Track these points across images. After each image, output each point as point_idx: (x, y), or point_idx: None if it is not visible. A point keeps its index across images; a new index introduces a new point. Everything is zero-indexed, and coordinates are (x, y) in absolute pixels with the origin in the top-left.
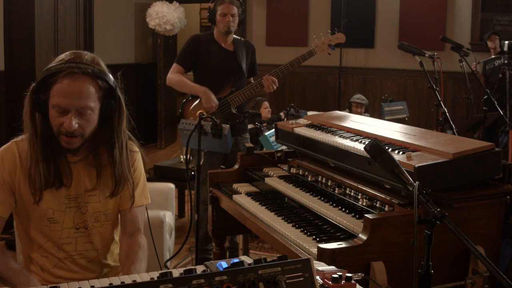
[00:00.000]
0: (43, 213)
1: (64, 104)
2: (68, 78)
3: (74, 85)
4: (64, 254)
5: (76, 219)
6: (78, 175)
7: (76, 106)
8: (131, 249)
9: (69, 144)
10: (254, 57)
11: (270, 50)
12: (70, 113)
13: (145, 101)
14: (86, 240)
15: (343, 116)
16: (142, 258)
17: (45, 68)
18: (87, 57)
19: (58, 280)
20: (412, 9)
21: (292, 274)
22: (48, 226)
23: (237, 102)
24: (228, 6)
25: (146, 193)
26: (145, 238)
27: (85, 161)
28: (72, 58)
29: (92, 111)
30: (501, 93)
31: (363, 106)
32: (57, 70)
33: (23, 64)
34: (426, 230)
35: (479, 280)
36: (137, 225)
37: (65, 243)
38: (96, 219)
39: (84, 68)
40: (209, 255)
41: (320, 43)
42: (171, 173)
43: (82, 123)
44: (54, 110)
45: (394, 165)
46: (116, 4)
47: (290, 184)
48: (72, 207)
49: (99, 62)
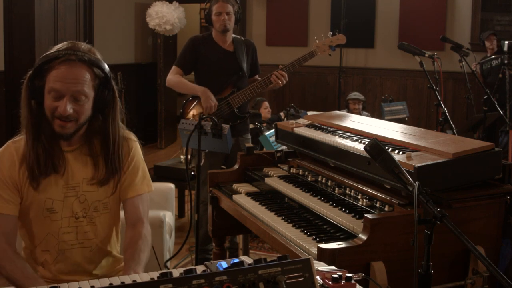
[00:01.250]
0: (42, 203)
1: (59, 87)
2: (64, 64)
3: (70, 71)
4: (65, 245)
5: (75, 208)
6: (73, 164)
7: (71, 91)
8: (132, 239)
9: (63, 128)
10: (255, 55)
11: (270, 50)
12: (65, 97)
13: (145, 101)
14: (86, 229)
15: (343, 116)
16: (143, 249)
17: (42, 56)
18: (84, 47)
19: (61, 276)
20: (412, 9)
21: (292, 274)
22: (49, 217)
23: (238, 102)
24: (222, 4)
25: (147, 181)
26: (149, 229)
27: (80, 150)
28: (70, 46)
29: (86, 98)
30: (501, 93)
31: (360, 102)
32: (54, 57)
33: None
34: (426, 230)
35: (479, 280)
36: (139, 215)
37: (65, 233)
38: (95, 208)
39: (80, 55)
40: (209, 255)
41: (321, 44)
42: (171, 173)
43: (76, 108)
44: (50, 95)
45: (394, 165)
46: (116, 4)
47: (290, 184)
48: (70, 196)
49: (95, 52)
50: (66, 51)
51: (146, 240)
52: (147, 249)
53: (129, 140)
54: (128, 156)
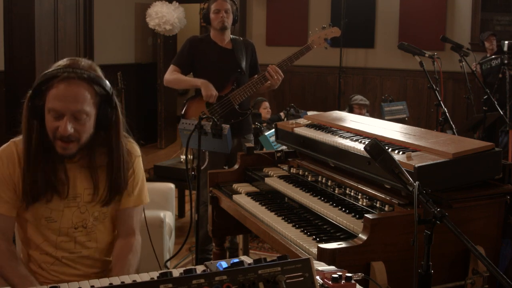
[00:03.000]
0: (40, 212)
1: (59, 107)
2: (63, 82)
3: (70, 89)
4: (63, 253)
5: (75, 218)
6: (75, 175)
7: (71, 110)
8: (122, 252)
9: (65, 150)
10: (255, 55)
11: (270, 50)
12: (65, 117)
13: (145, 101)
14: (85, 238)
15: (343, 116)
16: (132, 263)
17: (41, 74)
18: (84, 63)
19: (59, 278)
20: (412, 9)
21: (292, 274)
22: (46, 225)
23: (239, 99)
24: (221, 2)
25: (145, 193)
26: (140, 240)
27: (81, 162)
28: (69, 64)
29: (87, 116)
30: (501, 93)
31: (365, 107)
32: (53, 75)
33: (23, 64)
34: (426, 230)
35: (479, 280)
36: (132, 226)
37: (63, 241)
38: (96, 218)
39: (80, 73)
40: (209, 255)
41: (316, 37)
42: (171, 173)
43: (77, 127)
44: (50, 114)
45: (394, 165)
46: (116, 4)
47: (290, 184)
48: (71, 207)
49: (96, 69)
50: (65, 68)
51: (136, 253)
52: (136, 263)
53: (131, 155)
54: (129, 170)
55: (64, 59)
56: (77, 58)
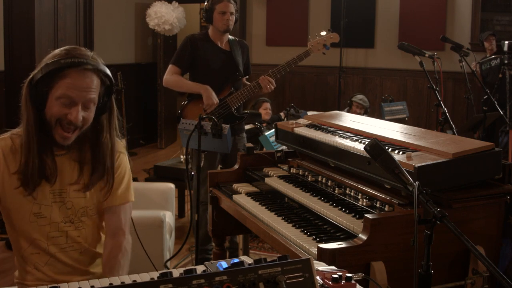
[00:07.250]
0: (29, 207)
1: (74, 95)
2: (78, 72)
3: (84, 79)
4: (55, 248)
5: (62, 213)
6: (62, 168)
7: (84, 99)
8: (112, 252)
9: (65, 139)
10: (248, 57)
11: (270, 50)
12: (78, 105)
13: (145, 101)
14: (76, 233)
15: (343, 116)
16: (123, 264)
17: (50, 61)
18: (88, 52)
19: (56, 277)
20: (412, 9)
21: (292, 274)
22: (36, 222)
23: (236, 103)
24: (227, 4)
25: (128, 192)
26: (130, 240)
27: (70, 155)
28: (78, 53)
29: (94, 105)
30: (501, 93)
31: (363, 108)
32: (68, 65)
33: (23, 64)
34: (426, 230)
35: (479, 280)
36: (120, 225)
37: (55, 236)
38: (83, 214)
39: (94, 64)
40: (209, 255)
41: (316, 43)
42: (171, 173)
43: (85, 115)
44: (59, 101)
45: (394, 165)
46: (116, 4)
47: (290, 184)
48: (57, 202)
49: (98, 58)
50: (79, 59)
51: (126, 254)
52: (127, 264)
53: (116, 152)
54: (116, 162)
55: (66, 47)
56: (79, 47)
